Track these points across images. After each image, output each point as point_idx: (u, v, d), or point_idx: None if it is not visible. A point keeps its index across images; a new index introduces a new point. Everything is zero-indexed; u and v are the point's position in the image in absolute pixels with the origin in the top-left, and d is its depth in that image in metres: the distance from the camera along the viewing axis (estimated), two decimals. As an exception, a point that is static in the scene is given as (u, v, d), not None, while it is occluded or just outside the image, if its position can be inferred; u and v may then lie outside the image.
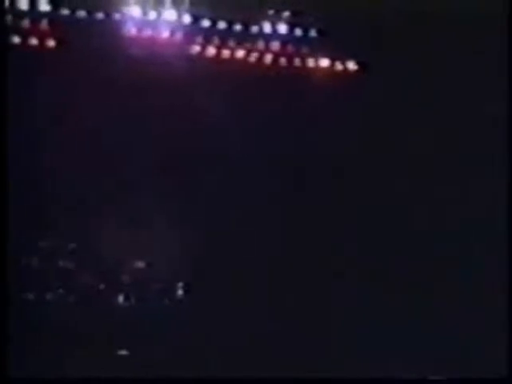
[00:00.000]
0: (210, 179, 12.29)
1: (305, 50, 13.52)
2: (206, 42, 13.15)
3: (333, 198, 12.20)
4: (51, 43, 12.54)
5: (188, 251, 11.63)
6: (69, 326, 10.63)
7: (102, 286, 11.23)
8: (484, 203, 11.76)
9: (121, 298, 11.19)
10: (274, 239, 11.88)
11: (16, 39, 12.28)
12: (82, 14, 12.81)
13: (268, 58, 13.36)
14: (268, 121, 12.74)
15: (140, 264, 11.60)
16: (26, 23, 12.46)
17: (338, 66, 13.58)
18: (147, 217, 11.77)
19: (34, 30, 12.51)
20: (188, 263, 11.46)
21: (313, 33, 13.27)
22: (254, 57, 13.27)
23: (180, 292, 11.36)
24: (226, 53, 13.05)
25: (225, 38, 13.13)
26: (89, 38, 12.52)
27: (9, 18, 12.36)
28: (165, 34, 12.97)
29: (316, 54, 13.48)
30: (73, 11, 12.71)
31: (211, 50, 13.03)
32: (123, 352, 10.63)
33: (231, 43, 13.21)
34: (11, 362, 9.48)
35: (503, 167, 11.56)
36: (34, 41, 12.53)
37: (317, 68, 13.49)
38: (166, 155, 12.27)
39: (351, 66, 13.47)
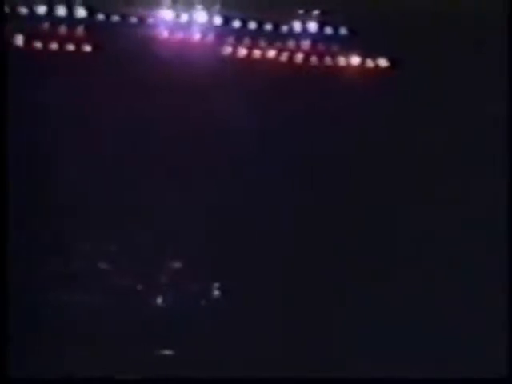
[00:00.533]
0: (245, 179, 12.51)
1: (335, 48, 13.30)
2: (237, 42, 13.33)
3: (369, 195, 12.03)
4: (87, 48, 13.26)
5: (223, 251, 11.94)
6: (103, 327, 11.08)
7: (134, 286, 11.66)
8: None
9: (155, 299, 11.61)
10: (309, 241, 11.93)
11: (54, 45, 13.10)
12: (116, 18, 13.42)
13: (299, 56, 13.30)
14: (300, 120, 12.73)
15: (176, 264, 11.99)
16: (63, 29, 13.25)
17: (369, 64, 13.24)
18: (182, 216, 12.19)
19: (71, 36, 13.30)
20: (224, 263, 11.78)
21: (343, 31, 13.04)
22: (284, 56, 13.27)
23: (216, 292, 11.64)
24: (256, 53, 13.16)
25: (255, 38, 13.24)
26: (123, 41, 13.12)
27: (46, 24, 13.23)
28: (197, 35, 13.30)
29: (347, 52, 13.22)
30: (107, 16, 13.34)
31: (242, 51, 13.20)
32: (159, 352, 10.99)
33: (262, 43, 13.29)
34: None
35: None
36: (71, 46, 13.32)
37: (348, 66, 13.24)
38: (200, 154, 12.65)
39: (382, 63, 13.08)
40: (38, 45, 12.94)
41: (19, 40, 12.63)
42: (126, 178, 12.27)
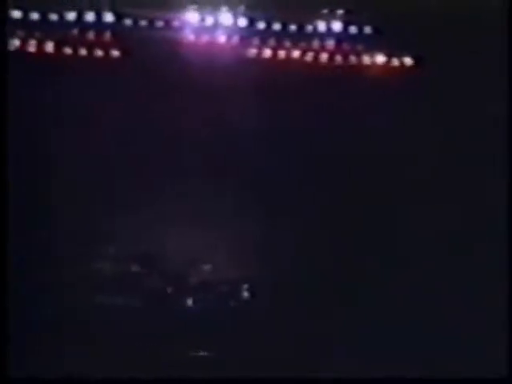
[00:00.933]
0: (275, 180, 12.67)
1: (360, 47, 13.38)
2: (262, 43, 13.44)
3: (395, 195, 12.17)
4: (116, 53, 13.43)
5: (253, 252, 12.09)
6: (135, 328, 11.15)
7: (164, 288, 11.77)
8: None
9: (186, 301, 11.72)
10: (337, 241, 12.08)
11: (82, 51, 13.29)
12: (142, 23, 13.56)
13: (324, 56, 13.39)
14: (326, 119, 12.86)
15: (206, 266, 12.12)
16: (91, 35, 13.43)
17: (394, 62, 13.31)
18: (212, 219, 12.36)
19: (99, 42, 13.47)
20: (254, 265, 11.95)
21: (368, 30, 13.10)
22: (309, 56, 13.38)
23: (246, 294, 11.74)
24: (281, 53, 13.28)
25: (280, 38, 13.35)
26: (150, 46, 13.28)
27: (75, 31, 13.41)
28: (222, 38, 13.43)
29: (371, 51, 13.30)
30: (135, 21, 13.48)
31: (267, 52, 13.32)
32: (188, 353, 11.04)
33: (287, 44, 13.41)
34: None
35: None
36: (99, 52, 13.49)
37: (373, 65, 13.32)
38: (229, 157, 12.82)
39: (407, 61, 13.15)
40: (68, 51, 13.14)
41: (49, 47, 12.86)
42: (156, 181, 12.49)
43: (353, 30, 13.54)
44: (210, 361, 10.62)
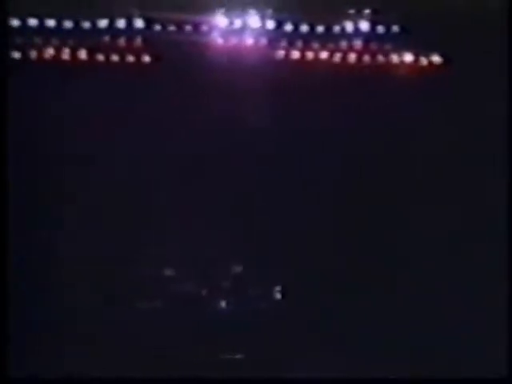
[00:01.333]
0: (307, 180, 12.81)
1: (388, 46, 13.51)
2: (290, 45, 13.60)
3: (424, 196, 12.29)
4: (146, 59, 13.66)
5: (283, 254, 12.24)
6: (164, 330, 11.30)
7: (195, 291, 11.87)
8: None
9: (217, 303, 11.81)
10: (367, 241, 12.21)
11: (114, 57, 13.52)
12: (172, 28, 13.76)
13: (352, 57, 13.53)
14: (357, 119, 13.01)
15: (237, 268, 12.23)
16: (122, 41, 13.65)
17: (423, 61, 13.43)
18: (242, 220, 12.53)
19: (129, 47, 13.70)
20: (284, 266, 12.09)
21: (395, 29, 13.22)
22: (337, 57, 13.51)
23: (278, 296, 11.81)
24: (309, 55, 13.43)
25: (308, 40, 13.50)
26: (180, 50, 13.49)
27: (107, 38, 13.65)
28: (250, 41, 13.60)
29: (399, 50, 13.43)
30: (164, 26, 13.69)
31: (295, 54, 13.49)
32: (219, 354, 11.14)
33: (314, 45, 13.56)
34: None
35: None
36: (130, 58, 13.73)
37: (401, 64, 13.44)
38: (260, 159, 12.97)
39: (435, 60, 13.27)
40: (101, 57, 13.37)
41: (83, 54, 13.10)
42: (191, 183, 12.68)
43: (380, 29, 13.65)
44: (237, 362, 10.76)
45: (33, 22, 13.17)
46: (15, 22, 13.08)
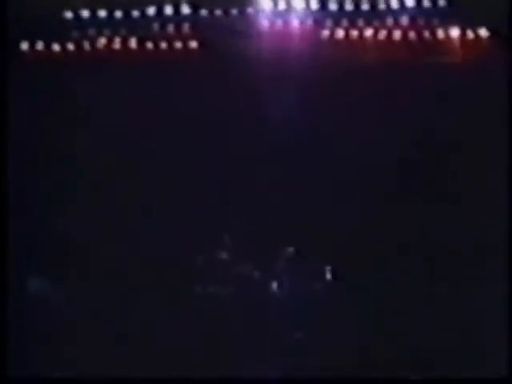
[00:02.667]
0: (359, 164, 12.76)
1: (435, 22, 13.46)
2: (335, 25, 13.63)
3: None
4: (193, 45, 13.81)
5: (335, 236, 12.25)
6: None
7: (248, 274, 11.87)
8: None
9: (270, 286, 11.82)
10: (413, 229, 12.12)
11: (163, 44, 13.69)
12: (217, 13, 13.88)
13: (397, 34, 13.52)
14: (406, 100, 12.96)
15: (289, 250, 12.26)
16: (170, 28, 13.81)
17: (470, 35, 13.36)
18: (293, 204, 12.57)
19: (177, 34, 13.85)
20: (336, 248, 12.08)
21: (441, 3, 13.17)
22: (383, 35, 13.52)
23: (329, 276, 11.74)
24: (354, 34, 13.46)
25: (353, 18, 13.51)
26: (226, 36, 13.59)
27: (155, 25, 13.83)
28: (295, 22, 13.67)
29: (446, 25, 13.38)
30: (210, 12, 13.81)
31: (340, 33, 13.52)
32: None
33: (360, 23, 13.57)
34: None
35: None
36: (178, 44, 13.89)
37: (447, 38, 13.39)
38: (312, 142, 12.97)
39: (483, 33, 13.19)
40: (150, 45, 13.54)
41: (132, 43, 13.30)
42: (241, 165, 12.75)
43: (426, 3, 13.58)
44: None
45: (85, 13, 13.42)
46: (68, 15, 13.37)
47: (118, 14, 13.67)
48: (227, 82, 13.48)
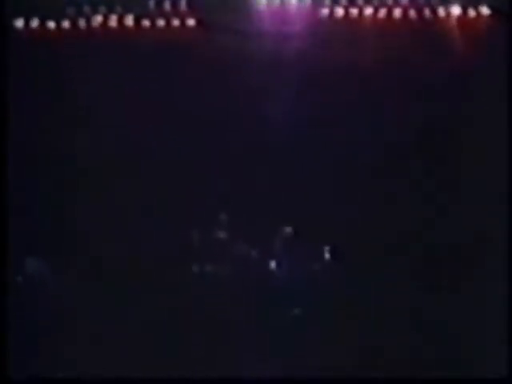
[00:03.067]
0: (367, 148, 12.63)
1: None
2: (334, 2, 13.49)
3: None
4: (191, 23, 13.65)
5: (334, 217, 12.13)
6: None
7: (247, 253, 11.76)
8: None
9: (270, 265, 11.73)
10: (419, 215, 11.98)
11: (160, 22, 13.53)
12: (215, -10, 13.68)
13: (397, 12, 13.39)
14: (407, 80, 12.82)
15: (287, 230, 12.16)
16: (167, 6, 13.64)
17: (471, 13, 13.24)
18: (293, 186, 12.44)
19: (175, 12, 13.69)
20: (334, 229, 11.99)
21: (441, -20, 13.04)
22: (382, 13, 13.38)
23: (327, 256, 11.67)
24: (354, 12, 13.31)
25: (353, -4, 13.36)
26: (224, 15, 13.43)
27: (151, 3, 13.67)
28: (294, 0, 13.50)
29: (447, 2, 13.26)
30: (207, -11, 13.60)
31: (339, 11, 13.37)
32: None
33: (359, 1, 13.44)
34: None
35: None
36: (176, 22, 13.72)
37: (448, 17, 13.27)
38: (317, 129, 12.82)
39: (484, 11, 13.07)
40: (146, 23, 13.40)
41: (129, 20, 13.17)
42: (246, 146, 12.58)
43: (426, -19, 13.44)
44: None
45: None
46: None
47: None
48: (225, 61, 13.32)
